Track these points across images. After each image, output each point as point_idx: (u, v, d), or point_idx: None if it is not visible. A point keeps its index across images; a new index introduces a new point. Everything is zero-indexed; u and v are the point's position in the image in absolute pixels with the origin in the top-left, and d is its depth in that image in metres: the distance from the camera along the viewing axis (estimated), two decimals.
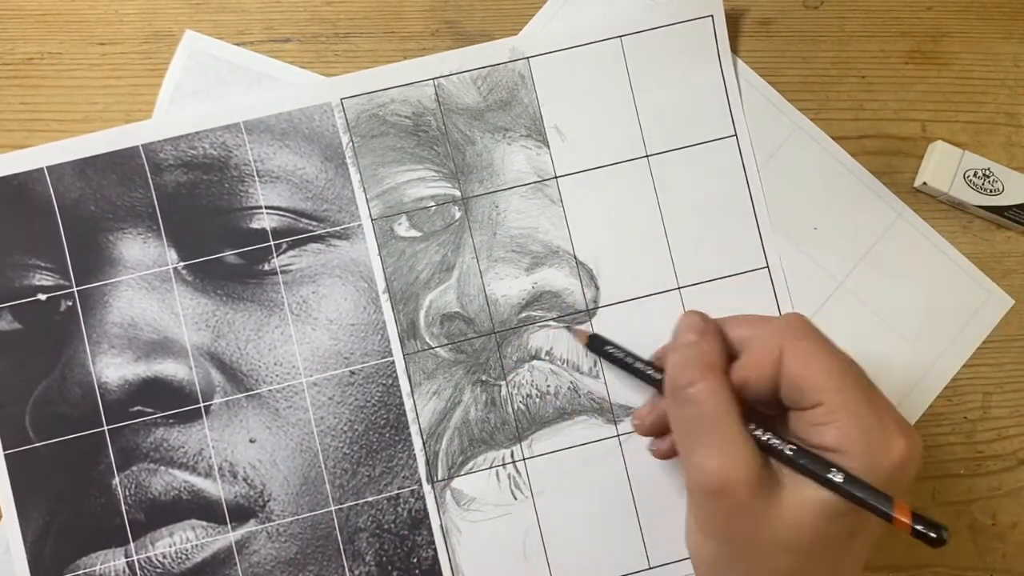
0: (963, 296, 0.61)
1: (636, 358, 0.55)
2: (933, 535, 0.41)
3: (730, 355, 0.48)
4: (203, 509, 0.56)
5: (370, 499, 0.57)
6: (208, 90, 0.60)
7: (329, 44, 0.61)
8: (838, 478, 0.42)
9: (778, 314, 0.59)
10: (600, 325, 0.59)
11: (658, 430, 0.54)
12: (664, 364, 0.49)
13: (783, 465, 0.45)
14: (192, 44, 0.60)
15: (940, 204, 0.61)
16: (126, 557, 0.56)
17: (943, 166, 0.60)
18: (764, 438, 0.45)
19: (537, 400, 0.58)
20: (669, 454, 0.55)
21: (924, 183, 0.60)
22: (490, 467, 0.58)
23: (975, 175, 0.60)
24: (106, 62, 0.60)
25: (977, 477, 0.60)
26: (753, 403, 0.47)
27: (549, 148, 0.59)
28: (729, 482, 0.43)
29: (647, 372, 0.54)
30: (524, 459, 0.58)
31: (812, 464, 0.43)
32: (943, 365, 0.61)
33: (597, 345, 0.57)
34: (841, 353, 0.46)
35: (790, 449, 0.44)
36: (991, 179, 0.60)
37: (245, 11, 0.61)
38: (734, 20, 0.62)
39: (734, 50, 0.61)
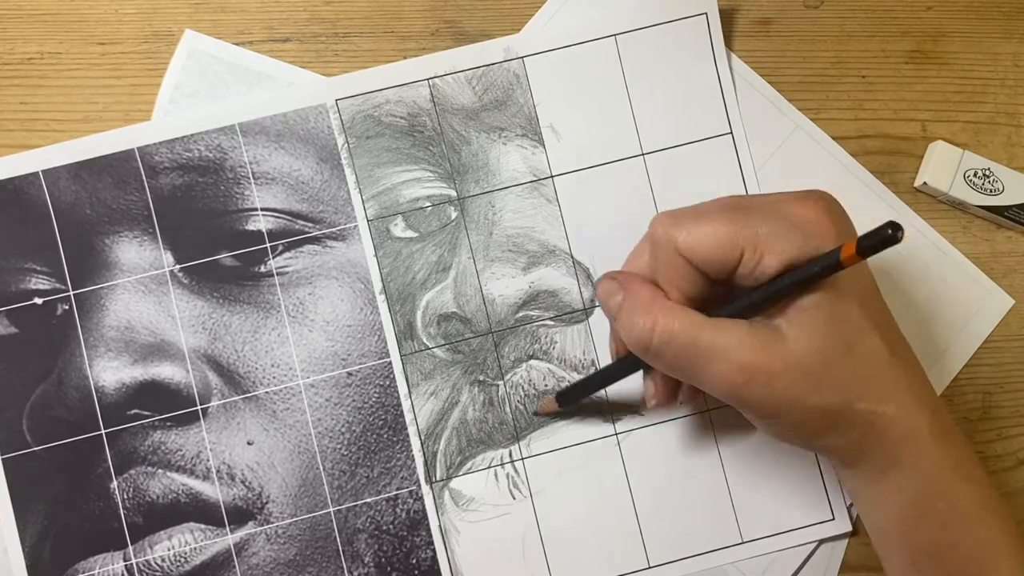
0: (963, 296, 0.61)
1: (600, 370, 0.56)
2: (888, 232, 0.39)
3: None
4: (201, 512, 0.56)
5: (368, 500, 0.57)
6: (208, 90, 0.60)
7: (329, 44, 0.61)
8: (785, 281, 0.44)
9: None
10: (597, 324, 0.59)
11: (671, 390, 0.53)
12: (619, 343, 0.51)
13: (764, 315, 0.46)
14: (192, 44, 0.60)
15: (940, 204, 0.61)
16: (124, 560, 0.56)
17: (943, 166, 0.60)
18: (739, 307, 0.47)
19: (535, 400, 0.58)
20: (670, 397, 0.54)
21: (924, 183, 0.60)
22: (488, 467, 0.58)
23: (975, 175, 0.59)
24: (106, 62, 0.60)
25: None
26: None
27: (545, 147, 0.59)
28: (753, 365, 0.45)
29: (620, 367, 0.54)
30: (523, 459, 0.58)
31: (765, 292, 0.45)
32: (943, 365, 0.60)
33: (568, 398, 0.57)
34: (701, 206, 0.48)
35: (763, 291, 0.45)
36: (991, 179, 0.59)
37: (245, 11, 0.61)
38: (733, 19, 0.62)
39: (733, 49, 0.61)
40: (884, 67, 0.62)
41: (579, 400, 0.58)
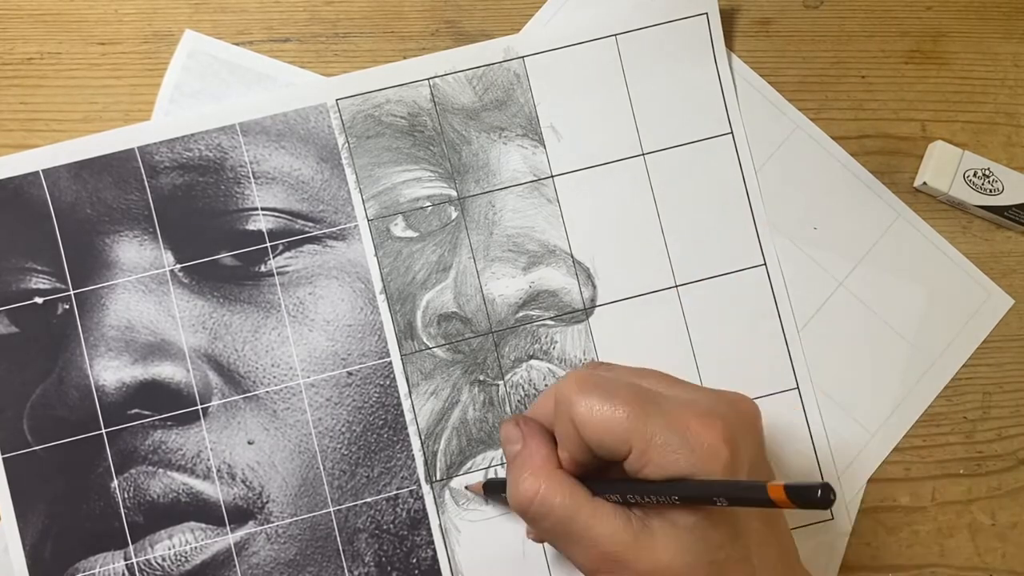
0: (963, 296, 0.61)
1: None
2: (817, 495, 0.36)
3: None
4: (202, 511, 0.56)
5: (369, 500, 0.57)
6: (208, 90, 0.60)
7: (329, 44, 0.61)
8: (675, 497, 0.42)
9: (776, 313, 0.59)
10: (597, 324, 0.59)
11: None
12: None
13: (644, 510, 0.45)
14: (192, 44, 0.60)
15: (940, 204, 0.61)
16: (125, 560, 0.56)
17: (943, 166, 0.60)
18: (616, 500, 0.45)
19: (535, 399, 0.58)
20: None
21: (924, 183, 0.60)
22: (488, 466, 0.58)
23: (975, 175, 0.59)
24: (106, 62, 0.60)
25: (977, 477, 0.60)
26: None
27: (545, 147, 0.59)
28: (618, 558, 0.44)
29: None
30: None
31: (655, 496, 0.43)
32: (943, 365, 0.60)
33: (493, 489, 0.56)
34: (617, 383, 0.46)
35: (650, 495, 0.44)
36: (991, 179, 0.59)
37: (245, 11, 0.61)
38: (733, 19, 0.62)
39: (733, 49, 0.61)
40: (884, 67, 0.62)
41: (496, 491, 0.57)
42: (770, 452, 0.58)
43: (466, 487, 0.58)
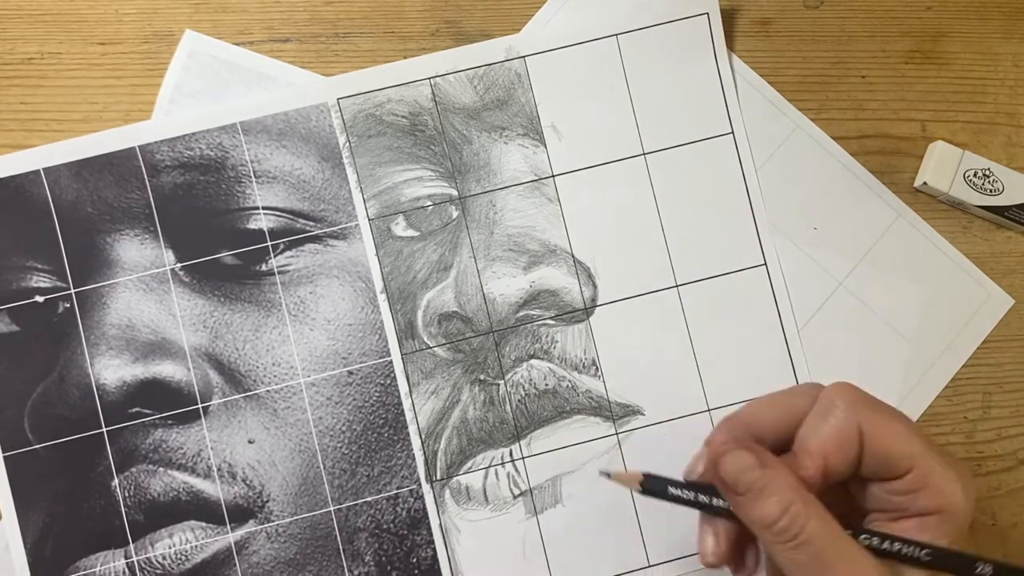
0: (963, 296, 0.61)
1: (698, 490, 0.47)
2: None
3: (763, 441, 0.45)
4: (202, 510, 0.56)
5: (369, 499, 0.57)
6: (208, 90, 0.60)
7: (329, 44, 0.61)
8: (987, 571, 0.41)
9: (776, 313, 0.59)
10: (598, 323, 0.59)
11: (735, 556, 0.47)
12: (733, 504, 0.44)
13: (907, 566, 0.42)
14: (192, 44, 0.60)
15: (940, 204, 0.61)
16: (126, 558, 0.56)
17: (943, 166, 0.60)
18: (889, 547, 0.42)
19: (535, 399, 0.58)
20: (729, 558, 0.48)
21: (924, 183, 0.60)
22: (489, 466, 0.58)
23: (975, 175, 0.60)
24: (106, 62, 0.60)
25: (977, 477, 0.60)
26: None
27: (546, 146, 0.59)
28: None
29: (717, 506, 0.46)
30: (523, 458, 0.58)
31: (954, 562, 0.41)
32: (943, 365, 0.60)
33: (657, 487, 0.48)
34: (899, 411, 0.45)
35: (926, 554, 0.42)
36: (991, 179, 0.60)
37: (245, 11, 0.61)
38: (734, 19, 0.62)
39: (734, 49, 0.61)
40: (884, 67, 0.62)
41: (662, 495, 0.48)
42: None
43: (609, 474, 0.48)
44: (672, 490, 0.47)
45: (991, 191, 0.59)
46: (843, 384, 0.45)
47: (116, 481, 0.56)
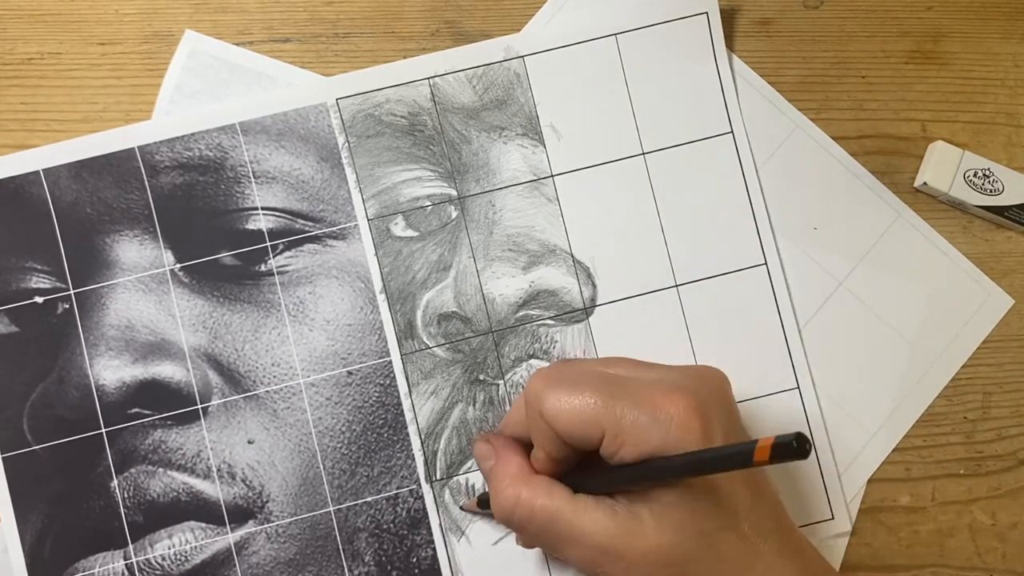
0: (963, 296, 0.61)
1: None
2: (794, 445, 0.35)
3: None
4: (202, 510, 0.56)
5: (369, 499, 0.57)
6: (208, 90, 0.60)
7: (329, 44, 0.61)
8: (656, 466, 0.43)
9: (776, 313, 0.59)
10: (597, 323, 0.59)
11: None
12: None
13: (627, 496, 0.46)
14: (192, 44, 0.60)
15: (940, 204, 0.61)
16: (125, 559, 0.56)
17: (943, 166, 0.60)
18: (599, 492, 0.46)
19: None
20: None
21: (924, 183, 0.60)
22: None
23: (975, 175, 0.59)
24: (106, 62, 0.60)
25: (977, 477, 0.60)
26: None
27: (545, 146, 0.59)
28: (608, 549, 0.44)
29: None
30: None
31: (641, 478, 0.44)
32: (943, 365, 0.60)
33: (487, 503, 0.55)
34: (583, 373, 0.47)
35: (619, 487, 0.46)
36: (991, 179, 0.59)
37: (245, 11, 0.61)
38: (733, 19, 0.62)
39: (733, 49, 0.61)
40: (884, 67, 0.62)
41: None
42: None
43: (461, 507, 0.58)
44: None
45: (991, 191, 0.59)
46: (533, 376, 0.48)
47: (115, 482, 0.56)
